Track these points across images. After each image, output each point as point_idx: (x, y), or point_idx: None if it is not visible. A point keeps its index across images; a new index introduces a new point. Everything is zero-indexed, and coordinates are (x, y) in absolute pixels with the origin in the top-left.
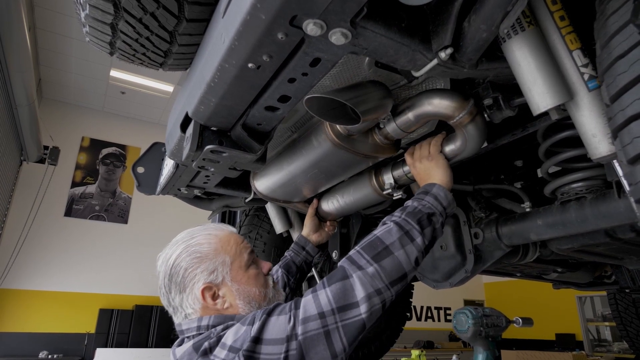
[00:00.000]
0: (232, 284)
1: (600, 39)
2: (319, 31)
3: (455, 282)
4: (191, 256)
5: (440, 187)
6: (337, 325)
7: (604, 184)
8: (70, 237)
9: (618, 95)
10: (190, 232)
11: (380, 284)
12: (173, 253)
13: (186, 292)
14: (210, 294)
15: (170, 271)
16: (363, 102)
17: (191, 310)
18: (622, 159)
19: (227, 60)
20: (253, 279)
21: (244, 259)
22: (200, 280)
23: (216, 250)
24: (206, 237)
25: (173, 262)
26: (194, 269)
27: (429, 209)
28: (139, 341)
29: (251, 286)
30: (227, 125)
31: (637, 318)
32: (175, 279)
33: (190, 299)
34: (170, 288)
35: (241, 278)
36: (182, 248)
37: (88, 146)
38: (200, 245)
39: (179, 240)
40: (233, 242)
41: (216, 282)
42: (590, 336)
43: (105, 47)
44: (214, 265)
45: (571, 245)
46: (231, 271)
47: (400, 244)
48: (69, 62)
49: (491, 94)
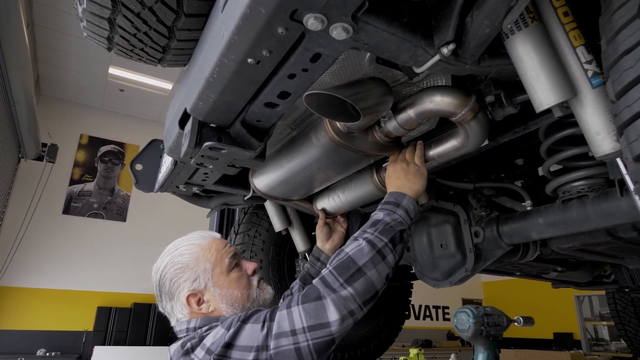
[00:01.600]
0: (214, 289)
1: (606, 35)
2: (320, 26)
3: (455, 281)
4: (174, 267)
5: (410, 199)
6: (308, 342)
7: (606, 182)
8: (68, 234)
9: (624, 91)
10: (176, 244)
11: (354, 306)
12: (161, 265)
13: (174, 299)
14: (195, 300)
15: (159, 282)
16: (363, 99)
17: (181, 315)
18: (628, 156)
19: (226, 55)
20: (235, 282)
21: (224, 264)
22: (185, 288)
23: (197, 259)
24: (188, 248)
25: (160, 273)
26: (178, 279)
27: (401, 225)
28: (137, 339)
29: (233, 289)
30: (226, 122)
31: (635, 317)
32: (163, 289)
33: (179, 306)
34: (161, 297)
35: (223, 282)
36: (168, 260)
37: (86, 144)
38: (182, 256)
39: (167, 252)
40: (214, 249)
41: (199, 289)
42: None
43: (103, 42)
44: (195, 274)
45: (572, 244)
46: (212, 277)
47: (372, 264)
48: (67, 59)
49: (493, 91)
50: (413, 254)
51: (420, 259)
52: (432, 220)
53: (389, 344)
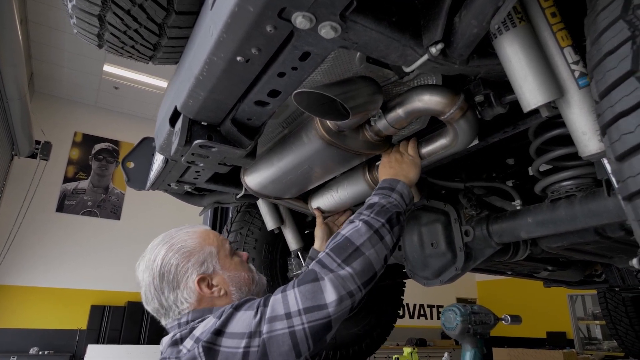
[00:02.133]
0: (222, 272)
1: (591, 35)
2: (308, 24)
3: (446, 280)
4: (179, 252)
5: (404, 184)
6: (304, 326)
7: (594, 182)
8: (62, 233)
9: (607, 91)
10: (168, 234)
11: (353, 286)
12: (157, 255)
13: (180, 287)
14: (205, 284)
15: (160, 271)
16: (352, 97)
17: (186, 305)
18: (610, 156)
19: (215, 53)
20: (240, 265)
21: (226, 247)
22: (194, 273)
23: (201, 244)
24: (186, 234)
25: (161, 262)
26: (185, 263)
27: (397, 207)
28: (130, 338)
29: (240, 271)
30: (217, 120)
31: (626, 316)
32: (167, 277)
33: (186, 293)
34: (162, 288)
35: (229, 265)
36: (167, 248)
37: (81, 141)
38: (184, 241)
39: (157, 244)
40: (212, 235)
41: (208, 272)
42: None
43: (93, 39)
44: (202, 257)
45: (561, 243)
46: (219, 260)
47: (371, 244)
48: (61, 56)
49: (482, 90)
50: (404, 252)
51: (411, 258)
52: (423, 219)
53: (381, 343)
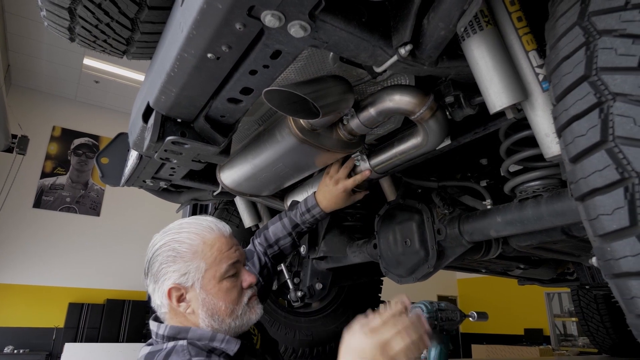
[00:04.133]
0: (200, 292)
1: (550, 40)
2: (277, 23)
3: (419, 277)
4: (168, 253)
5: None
6: None
7: (560, 182)
8: (39, 229)
9: (563, 95)
10: (182, 225)
11: None
12: (159, 241)
13: (157, 284)
14: (177, 295)
15: (150, 259)
16: (323, 96)
17: (159, 302)
18: (565, 158)
19: (185, 49)
20: (223, 293)
21: (220, 269)
22: (171, 278)
23: (194, 253)
24: (191, 237)
25: (154, 251)
26: (167, 266)
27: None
28: (109, 336)
29: (219, 299)
30: (190, 117)
31: (597, 314)
32: (152, 268)
33: (159, 293)
34: (147, 273)
35: (211, 289)
36: (166, 240)
37: (59, 136)
38: (181, 243)
39: (169, 230)
40: (216, 248)
41: (185, 285)
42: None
43: (64, 32)
44: (187, 268)
45: (530, 242)
46: (203, 279)
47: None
48: (40, 48)
49: (452, 92)
50: (379, 250)
51: (385, 256)
52: (397, 217)
53: None
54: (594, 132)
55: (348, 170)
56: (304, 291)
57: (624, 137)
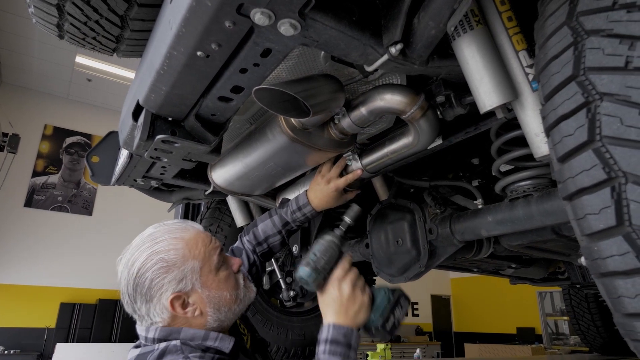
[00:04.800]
0: (202, 290)
1: (539, 40)
2: (267, 21)
3: (411, 277)
4: (157, 265)
5: (357, 336)
6: None
7: (550, 182)
8: (30, 228)
9: (551, 95)
10: (153, 235)
11: None
12: (137, 260)
13: (153, 302)
14: (179, 303)
15: (134, 281)
16: (314, 95)
17: (159, 319)
18: (553, 157)
19: (175, 47)
20: (224, 283)
21: (213, 262)
22: (169, 290)
23: (184, 257)
24: (172, 243)
25: (137, 271)
26: (161, 279)
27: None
28: (102, 336)
29: (222, 290)
30: (180, 115)
31: (588, 312)
32: (140, 289)
33: (158, 309)
34: (135, 298)
35: (212, 283)
36: (147, 255)
37: (51, 134)
38: (167, 252)
39: (141, 245)
40: (201, 244)
41: (185, 290)
42: (549, 330)
43: (52, 29)
44: (182, 273)
45: (521, 241)
46: (201, 277)
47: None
48: (31, 46)
49: (443, 91)
50: (371, 249)
51: (377, 255)
52: (389, 217)
53: None
54: (581, 132)
55: (340, 169)
56: (296, 291)
57: (611, 136)
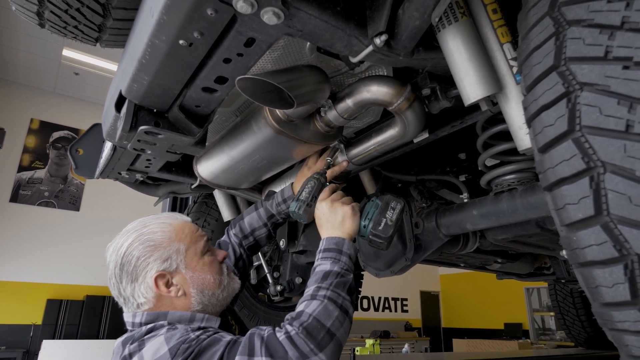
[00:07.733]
0: (186, 272)
1: (522, 31)
2: (250, 9)
3: (397, 270)
4: (144, 244)
5: (349, 244)
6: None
7: (534, 176)
8: (15, 224)
9: (532, 85)
10: (143, 221)
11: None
12: (124, 242)
13: (138, 281)
14: (163, 281)
15: (121, 260)
16: (298, 85)
17: (143, 300)
18: (534, 148)
19: (156, 35)
20: (208, 266)
21: (199, 246)
22: (153, 268)
23: (170, 239)
24: (160, 226)
25: (124, 251)
26: (147, 257)
27: (349, 271)
28: (89, 333)
29: (206, 273)
30: (164, 106)
31: (573, 307)
32: (126, 268)
33: (143, 288)
34: (121, 278)
35: (195, 265)
36: (135, 237)
37: (38, 129)
38: (153, 233)
39: (130, 230)
40: (188, 230)
41: (169, 270)
42: (536, 325)
43: (33, 17)
44: (167, 253)
45: (506, 235)
46: (185, 259)
47: (340, 323)
48: (17, 38)
49: (429, 84)
50: (358, 244)
51: (364, 249)
52: None
53: None
54: (561, 122)
55: (325, 161)
56: (283, 285)
57: (590, 126)
